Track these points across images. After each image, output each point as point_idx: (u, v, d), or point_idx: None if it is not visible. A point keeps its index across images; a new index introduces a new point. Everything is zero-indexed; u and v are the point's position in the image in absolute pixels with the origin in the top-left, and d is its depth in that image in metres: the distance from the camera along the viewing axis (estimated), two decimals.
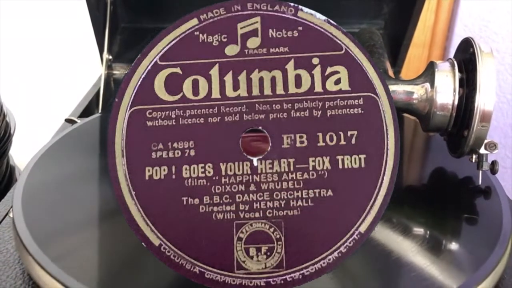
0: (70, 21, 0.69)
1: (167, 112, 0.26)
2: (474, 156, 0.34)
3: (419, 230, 0.31)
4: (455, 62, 0.34)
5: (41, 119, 0.67)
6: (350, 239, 0.25)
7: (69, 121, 0.47)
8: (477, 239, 0.30)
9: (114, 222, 0.31)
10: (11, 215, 0.31)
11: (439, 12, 0.68)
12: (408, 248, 0.28)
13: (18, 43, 0.71)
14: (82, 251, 0.29)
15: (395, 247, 0.29)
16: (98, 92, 0.56)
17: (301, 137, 0.26)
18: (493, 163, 0.34)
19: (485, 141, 0.33)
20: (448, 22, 0.69)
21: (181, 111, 0.26)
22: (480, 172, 0.35)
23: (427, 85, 0.34)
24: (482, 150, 0.34)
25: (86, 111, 0.53)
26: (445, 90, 0.33)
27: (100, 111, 0.54)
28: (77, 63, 0.71)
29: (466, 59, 0.34)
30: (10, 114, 0.53)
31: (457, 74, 0.33)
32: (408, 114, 0.35)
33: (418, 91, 0.34)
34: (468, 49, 0.33)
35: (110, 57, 0.57)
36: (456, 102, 0.33)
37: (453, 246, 0.30)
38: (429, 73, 0.34)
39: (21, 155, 0.57)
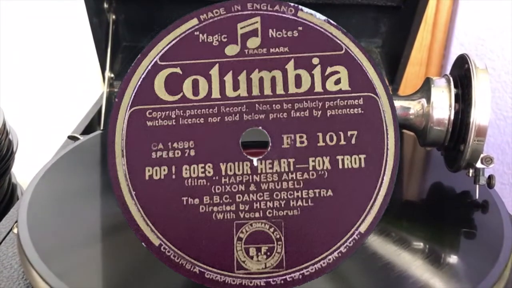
0: (72, 39, 0.70)
1: (167, 112, 0.26)
2: (471, 171, 0.34)
3: (420, 245, 0.30)
4: (451, 78, 0.34)
5: (43, 138, 0.67)
6: (350, 239, 0.24)
7: (72, 138, 0.47)
8: (478, 254, 0.30)
9: (118, 237, 0.31)
10: (15, 231, 0.31)
11: (435, 32, 0.69)
12: (410, 263, 0.28)
13: (20, 61, 0.71)
14: (86, 266, 0.29)
15: (397, 261, 0.28)
16: (100, 109, 0.56)
17: (301, 137, 0.26)
18: (490, 178, 0.34)
19: (481, 156, 0.33)
20: (445, 41, 0.70)
21: (181, 111, 0.26)
22: (477, 186, 0.35)
23: (424, 100, 0.34)
24: (479, 164, 0.34)
25: (88, 129, 0.53)
26: (441, 106, 0.33)
27: (102, 128, 0.54)
28: (80, 81, 0.72)
29: (461, 75, 0.34)
30: (13, 132, 0.53)
31: (453, 90, 0.33)
32: (405, 129, 0.36)
33: (415, 107, 0.34)
34: (463, 65, 0.34)
35: (112, 75, 0.57)
36: (452, 117, 0.33)
37: (455, 260, 0.30)
38: (425, 89, 0.35)
39: (23, 173, 0.57)
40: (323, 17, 0.27)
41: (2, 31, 0.70)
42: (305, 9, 0.27)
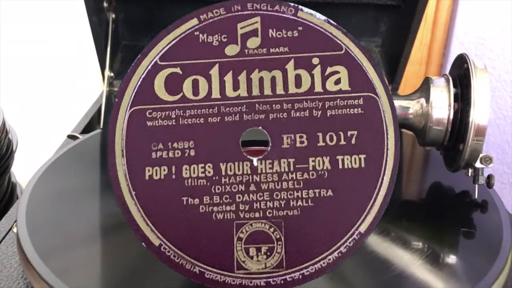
0: (72, 38, 0.70)
1: (167, 112, 0.26)
2: (470, 170, 0.34)
3: (420, 244, 0.30)
4: (450, 78, 0.34)
5: (43, 137, 0.67)
6: (350, 239, 0.24)
7: (71, 137, 0.47)
8: (477, 253, 0.30)
9: (117, 236, 0.31)
10: (14, 230, 0.31)
11: (435, 30, 0.69)
12: (409, 262, 0.28)
13: (20, 60, 0.71)
14: (86, 265, 0.29)
15: (397, 261, 0.28)
16: (99, 108, 0.56)
17: (301, 137, 0.26)
18: (489, 177, 0.34)
19: (481, 155, 0.33)
20: (444, 40, 0.70)
21: (181, 111, 0.26)
22: (476, 186, 0.35)
23: (423, 100, 0.34)
24: (478, 164, 0.34)
25: (88, 128, 0.53)
26: (441, 105, 0.33)
27: (101, 127, 0.54)
28: (79, 81, 0.72)
29: (460, 75, 0.34)
30: (13, 131, 0.53)
31: (452, 90, 0.33)
32: (404, 129, 0.36)
33: (414, 106, 0.34)
34: (462, 65, 0.34)
35: (112, 74, 0.57)
36: (451, 117, 0.33)
37: (454, 259, 0.30)
38: (424, 88, 0.35)
39: (23, 172, 0.57)
40: (323, 17, 0.27)
41: (2, 31, 0.70)
42: (305, 9, 0.27)
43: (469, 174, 0.34)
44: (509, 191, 0.62)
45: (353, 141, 0.25)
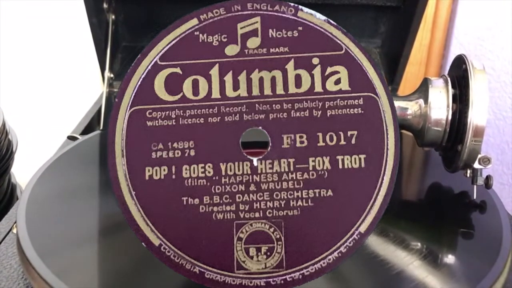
0: (72, 39, 0.70)
1: (167, 112, 0.26)
2: (468, 171, 0.34)
3: (419, 245, 0.30)
4: (449, 79, 0.34)
5: (43, 138, 0.68)
6: (350, 239, 0.24)
7: (71, 138, 0.47)
8: (477, 254, 0.30)
9: (117, 236, 0.31)
10: (14, 231, 0.31)
11: (435, 31, 0.69)
12: (409, 263, 0.28)
13: (20, 61, 0.71)
14: (86, 266, 0.29)
15: (396, 261, 0.28)
16: (99, 109, 0.56)
17: (301, 137, 0.26)
18: (488, 178, 0.34)
19: (479, 156, 0.33)
20: (444, 41, 0.70)
21: (181, 111, 0.26)
22: (475, 186, 0.35)
23: (421, 101, 0.34)
24: (476, 165, 0.33)
25: (88, 129, 0.53)
26: (439, 106, 0.33)
27: (101, 128, 0.54)
28: (79, 81, 0.72)
29: (459, 76, 0.34)
30: (13, 132, 0.53)
31: (451, 90, 0.33)
32: (403, 129, 0.36)
33: (412, 107, 0.34)
34: (461, 65, 0.34)
35: (111, 75, 0.57)
36: (449, 118, 0.33)
37: (453, 260, 0.30)
38: (423, 89, 0.35)
39: (23, 173, 0.57)
40: (323, 17, 0.27)
41: (2, 31, 0.70)
42: (305, 9, 0.27)
43: (468, 175, 0.34)
44: (508, 191, 0.62)
45: (353, 141, 0.25)
